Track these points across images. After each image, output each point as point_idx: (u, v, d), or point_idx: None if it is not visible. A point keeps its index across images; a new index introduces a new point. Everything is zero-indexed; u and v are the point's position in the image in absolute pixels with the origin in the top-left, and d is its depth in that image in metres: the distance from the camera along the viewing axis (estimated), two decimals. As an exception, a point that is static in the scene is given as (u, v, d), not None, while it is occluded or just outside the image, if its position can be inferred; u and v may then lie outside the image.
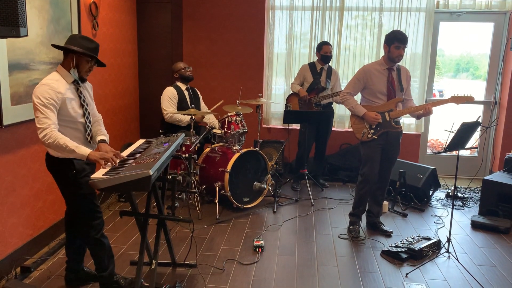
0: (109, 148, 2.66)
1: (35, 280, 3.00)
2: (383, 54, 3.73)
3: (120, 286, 2.83)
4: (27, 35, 2.13)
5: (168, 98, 4.63)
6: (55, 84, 2.53)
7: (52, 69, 3.34)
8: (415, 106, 3.77)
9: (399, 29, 5.09)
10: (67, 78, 2.61)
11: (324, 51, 4.99)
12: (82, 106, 2.68)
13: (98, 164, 2.48)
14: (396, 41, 3.59)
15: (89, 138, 2.74)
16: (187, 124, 4.57)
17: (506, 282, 3.14)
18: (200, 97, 5.03)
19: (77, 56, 2.59)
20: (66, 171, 2.61)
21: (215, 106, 4.70)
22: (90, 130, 2.75)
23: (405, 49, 3.66)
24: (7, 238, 3.05)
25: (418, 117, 3.82)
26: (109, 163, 2.49)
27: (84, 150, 2.49)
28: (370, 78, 3.70)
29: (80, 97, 2.67)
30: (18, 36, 2.06)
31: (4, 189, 2.99)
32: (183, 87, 4.77)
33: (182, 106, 4.67)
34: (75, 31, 3.76)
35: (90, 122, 2.75)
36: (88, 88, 2.80)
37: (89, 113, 2.74)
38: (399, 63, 3.78)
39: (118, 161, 2.53)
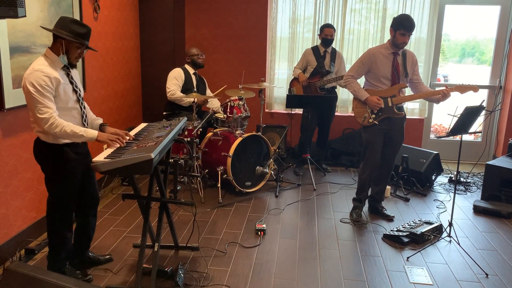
0: (117, 130, 2.70)
1: (39, 262, 3.03)
2: (389, 38, 3.68)
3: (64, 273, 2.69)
4: (25, 16, 2.12)
5: (174, 77, 4.65)
6: (48, 70, 2.40)
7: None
8: (426, 91, 3.67)
9: (404, 13, 5.01)
10: (57, 63, 2.48)
11: (325, 33, 4.93)
12: (75, 91, 2.58)
13: (101, 146, 2.47)
14: (402, 28, 3.51)
15: (86, 124, 2.66)
16: (189, 105, 4.58)
17: (507, 266, 3.15)
18: (206, 84, 5.03)
19: (67, 41, 2.46)
20: (55, 158, 2.54)
21: (217, 92, 4.69)
22: (86, 116, 2.69)
23: (411, 36, 3.58)
24: (11, 220, 3.08)
25: (437, 101, 3.69)
26: (117, 143, 2.53)
27: (92, 133, 2.52)
28: (375, 62, 3.65)
29: (72, 83, 2.57)
30: (16, 16, 2.04)
31: (7, 172, 3.00)
32: (191, 71, 4.78)
33: (187, 87, 4.67)
34: (76, 13, 3.73)
35: (84, 107, 2.68)
36: (76, 74, 2.67)
37: (82, 99, 2.66)
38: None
39: (125, 139, 2.58)
